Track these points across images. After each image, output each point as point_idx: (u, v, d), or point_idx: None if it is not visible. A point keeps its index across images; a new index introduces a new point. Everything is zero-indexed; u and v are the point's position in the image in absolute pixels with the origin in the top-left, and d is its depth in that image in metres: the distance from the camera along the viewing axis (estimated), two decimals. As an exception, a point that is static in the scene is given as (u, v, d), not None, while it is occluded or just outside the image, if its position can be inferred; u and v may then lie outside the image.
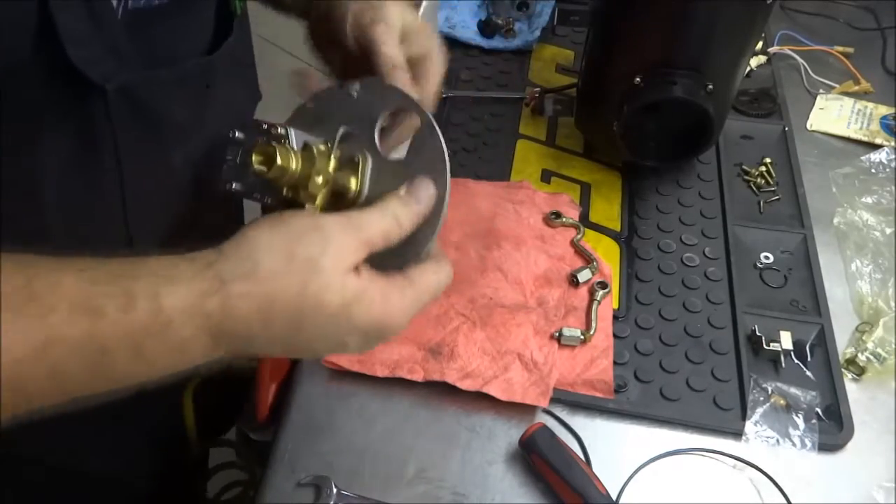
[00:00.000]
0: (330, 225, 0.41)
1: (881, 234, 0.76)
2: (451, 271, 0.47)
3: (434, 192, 0.46)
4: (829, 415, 0.62)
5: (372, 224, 0.43)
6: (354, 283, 0.41)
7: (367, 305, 0.41)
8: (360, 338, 0.43)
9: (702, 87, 0.70)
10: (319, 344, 0.43)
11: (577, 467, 0.57)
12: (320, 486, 0.57)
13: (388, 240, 0.43)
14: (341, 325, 0.41)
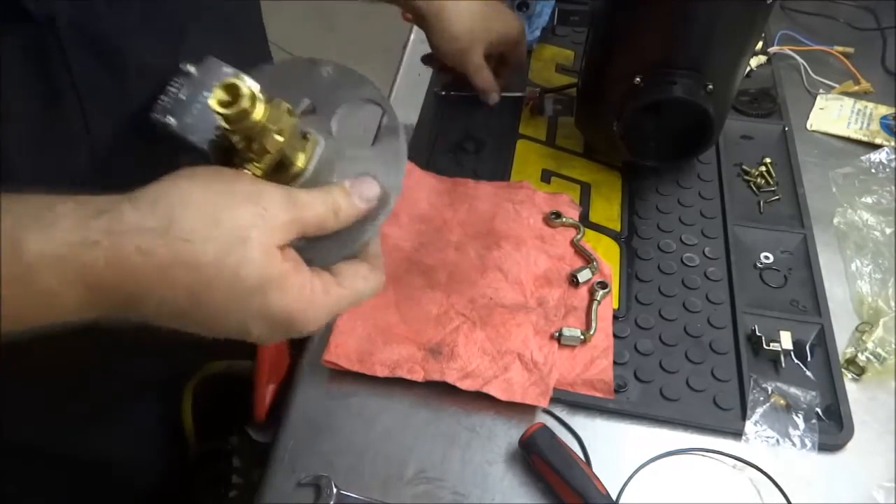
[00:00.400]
0: (270, 196, 0.39)
1: (881, 234, 0.76)
2: (382, 279, 0.45)
3: (378, 195, 0.44)
4: (829, 415, 0.62)
5: (311, 207, 0.40)
6: (278, 264, 0.38)
7: (284, 292, 0.38)
8: (266, 326, 0.39)
9: (702, 87, 0.70)
10: (219, 322, 0.39)
11: (577, 467, 0.57)
12: (320, 486, 0.58)
13: (321, 228, 0.41)
14: (251, 307, 0.38)
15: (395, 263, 0.71)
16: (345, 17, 2.73)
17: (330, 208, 0.41)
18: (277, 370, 0.68)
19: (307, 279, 0.40)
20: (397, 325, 0.66)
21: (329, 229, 0.41)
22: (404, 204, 0.76)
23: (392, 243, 0.73)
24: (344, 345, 0.64)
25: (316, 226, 0.40)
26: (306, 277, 0.40)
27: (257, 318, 0.39)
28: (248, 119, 0.38)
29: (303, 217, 0.40)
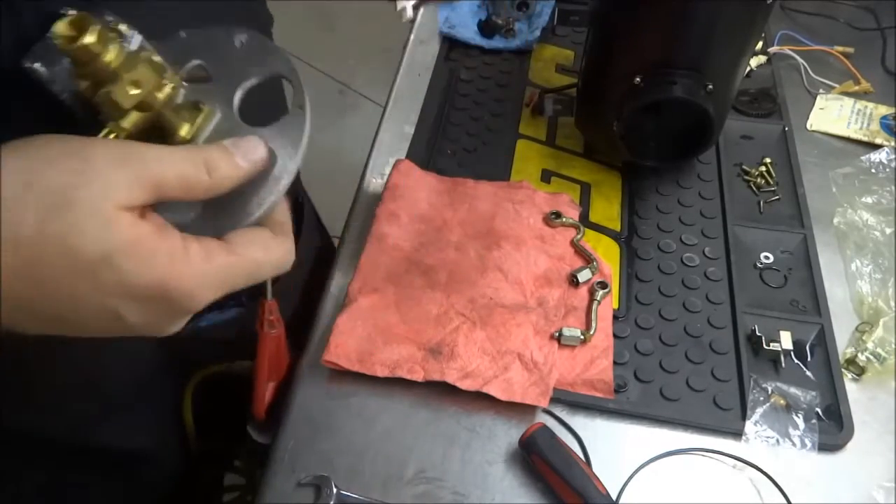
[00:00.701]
0: (101, 151, 0.33)
1: (881, 234, 0.76)
2: (290, 248, 0.39)
3: (263, 157, 0.38)
4: (829, 415, 0.62)
5: (166, 161, 0.34)
6: (124, 229, 0.32)
7: (143, 260, 0.33)
8: (137, 306, 0.34)
9: (702, 87, 0.70)
10: (79, 311, 0.33)
11: (577, 467, 0.57)
12: (320, 486, 0.58)
13: (189, 188, 0.35)
14: (105, 285, 0.32)
15: (395, 263, 0.71)
16: (345, 17, 2.73)
17: (200, 165, 0.35)
18: (277, 369, 0.68)
19: (177, 244, 0.34)
20: (397, 325, 0.66)
21: (202, 190, 0.35)
22: (404, 204, 0.76)
23: (392, 243, 0.73)
24: (344, 345, 0.64)
25: (181, 185, 0.34)
26: (176, 242, 0.34)
27: (120, 297, 0.33)
28: (95, 62, 0.33)
29: (154, 175, 0.33)
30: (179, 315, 0.36)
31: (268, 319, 0.65)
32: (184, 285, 0.34)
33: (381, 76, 2.28)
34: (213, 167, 0.36)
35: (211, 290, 0.35)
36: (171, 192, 0.34)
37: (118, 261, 0.32)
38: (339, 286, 0.72)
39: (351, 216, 0.79)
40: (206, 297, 0.35)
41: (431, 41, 1.00)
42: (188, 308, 0.35)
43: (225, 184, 0.36)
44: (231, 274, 0.36)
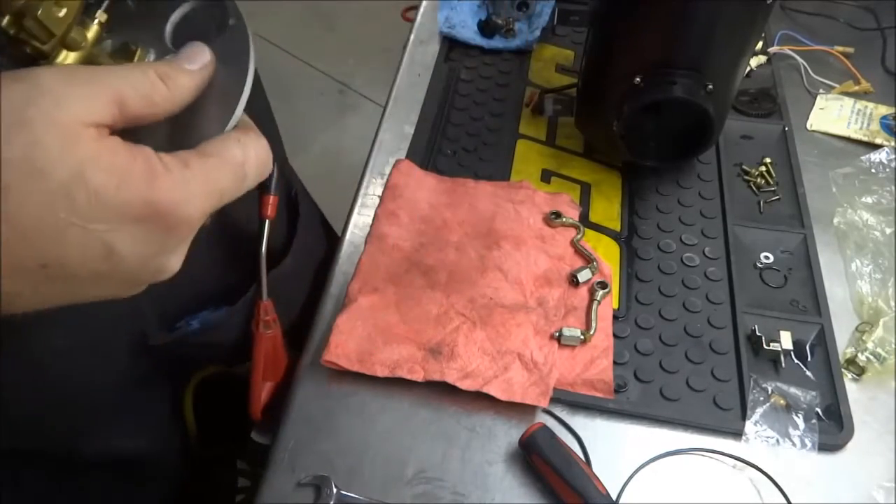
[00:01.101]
0: (48, 74, 0.30)
1: (881, 234, 0.76)
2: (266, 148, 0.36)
3: (210, 59, 0.36)
4: (829, 415, 0.62)
5: (121, 77, 0.31)
6: (92, 142, 0.29)
7: (119, 173, 0.30)
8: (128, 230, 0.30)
9: (702, 87, 0.70)
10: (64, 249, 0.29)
11: (577, 467, 0.57)
12: (320, 486, 0.58)
13: (151, 103, 0.32)
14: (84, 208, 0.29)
15: (395, 263, 0.71)
16: (345, 17, 2.73)
17: (154, 77, 0.33)
18: (275, 369, 0.68)
19: (151, 154, 0.31)
20: (397, 325, 0.66)
21: (163, 102, 0.33)
22: (404, 204, 0.77)
23: (392, 243, 0.73)
24: (344, 345, 0.64)
25: (141, 99, 0.32)
26: (149, 153, 0.31)
27: (104, 221, 0.30)
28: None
29: (113, 87, 0.31)
30: (175, 236, 0.33)
31: (263, 320, 0.65)
32: (170, 195, 0.31)
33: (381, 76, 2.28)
34: (166, 76, 0.33)
35: (200, 198, 0.33)
36: (134, 108, 0.32)
37: (91, 176, 0.29)
38: (339, 286, 0.72)
39: (351, 216, 0.79)
40: (196, 206, 0.32)
41: (431, 41, 1.00)
42: (182, 220, 0.32)
43: (183, 93, 0.34)
44: (215, 176, 0.33)
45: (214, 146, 0.34)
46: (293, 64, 2.55)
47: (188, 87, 0.35)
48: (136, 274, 0.33)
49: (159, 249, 0.33)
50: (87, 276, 0.31)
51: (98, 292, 0.33)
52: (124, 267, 0.32)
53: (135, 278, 0.34)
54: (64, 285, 0.31)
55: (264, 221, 0.65)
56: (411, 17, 1.06)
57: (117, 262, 0.31)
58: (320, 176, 2.16)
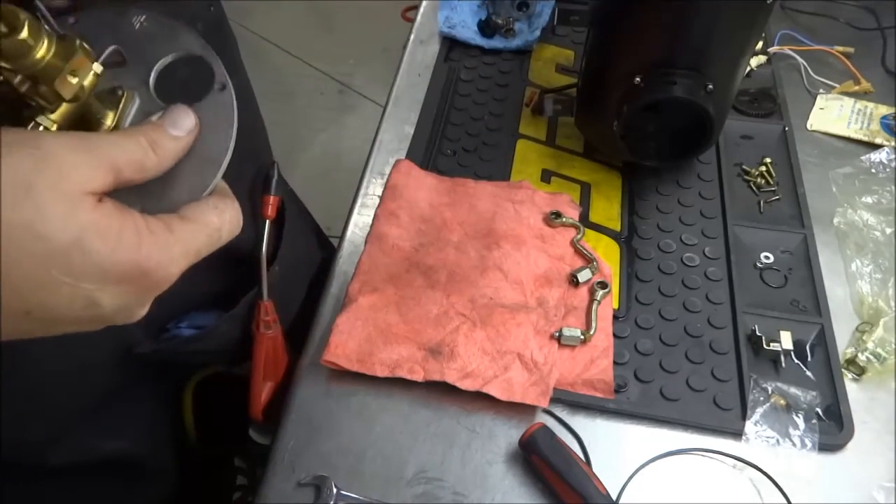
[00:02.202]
0: (52, 142, 0.32)
1: (881, 234, 0.76)
2: (237, 211, 0.39)
3: (194, 124, 0.38)
4: (829, 415, 0.62)
5: (117, 146, 0.34)
6: (91, 211, 0.32)
7: (113, 240, 0.32)
8: (113, 289, 0.33)
9: (702, 87, 0.70)
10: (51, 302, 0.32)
11: (577, 467, 0.57)
12: (320, 486, 0.58)
13: (142, 169, 0.35)
14: (78, 269, 0.31)
15: (395, 263, 0.71)
16: (345, 17, 2.73)
17: (143, 144, 0.35)
18: (275, 369, 0.68)
19: (140, 220, 0.34)
20: (397, 325, 0.66)
21: (151, 169, 0.36)
22: (404, 204, 0.77)
23: (392, 243, 0.73)
24: (343, 345, 0.64)
25: (133, 166, 0.34)
26: (138, 219, 0.34)
27: (94, 281, 0.32)
28: (30, 54, 0.33)
29: (109, 161, 0.33)
30: (152, 292, 0.35)
31: (263, 320, 0.65)
32: (156, 259, 0.34)
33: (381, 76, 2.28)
34: (154, 143, 0.36)
35: (180, 260, 0.35)
36: (127, 174, 0.34)
37: (89, 243, 0.31)
38: (339, 286, 0.72)
39: (351, 216, 0.79)
40: (177, 267, 0.35)
41: (431, 41, 1.00)
42: (163, 281, 0.35)
43: (168, 159, 0.37)
44: (194, 240, 0.36)
45: (194, 212, 0.37)
46: (293, 64, 2.55)
47: (174, 152, 0.37)
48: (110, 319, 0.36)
49: (136, 303, 0.36)
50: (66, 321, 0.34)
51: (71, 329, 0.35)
52: (101, 315, 0.34)
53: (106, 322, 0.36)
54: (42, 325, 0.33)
55: (265, 221, 0.65)
56: (411, 17, 1.06)
57: (96, 312, 0.34)
58: (320, 176, 2.17)
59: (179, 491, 0.78)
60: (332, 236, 0.96)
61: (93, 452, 0.66)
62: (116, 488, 0.72)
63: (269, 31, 2.55)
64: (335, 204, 0.95)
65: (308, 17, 2.74)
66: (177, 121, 0.38)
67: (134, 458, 0.71)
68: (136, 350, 0.62)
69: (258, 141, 0.80)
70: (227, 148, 0.39)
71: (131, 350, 0.62)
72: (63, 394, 0.60)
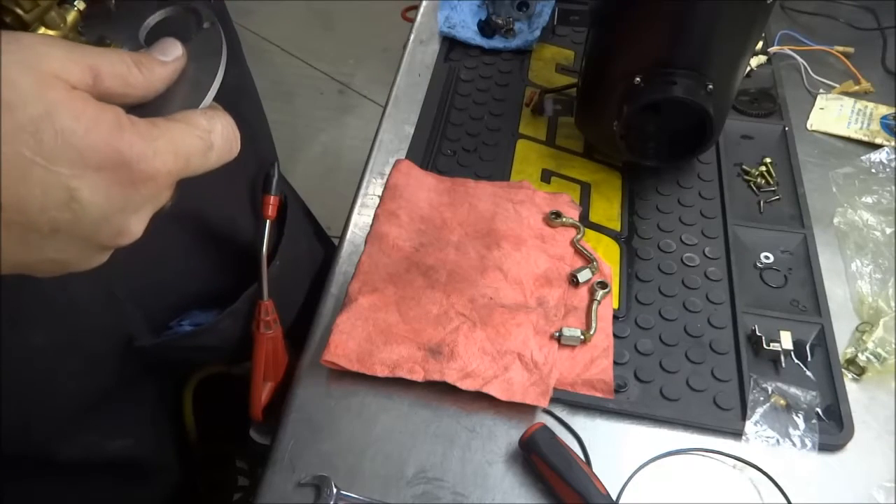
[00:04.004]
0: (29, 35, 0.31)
1: (881, 234, 0.76)
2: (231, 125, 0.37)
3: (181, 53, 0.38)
4: (829, 415, 0.62)
5: (99, 53, 0.33)
6: (64, 91, 0.30)
7: (88, 120, 0.30)
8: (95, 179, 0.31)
9: (702, 87, 0.70)
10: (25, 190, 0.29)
11: (577, 467, 0.57)
12: (320, 486, 0.58)
13: (126, 84, 0.34)
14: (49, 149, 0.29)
15: (395, 263, 0.71)
16: (345, 17, 2.73)
17: (127, 60, 0.34)
18: (275, 369, 0.68)
19: (120, 112, 0.32)
20: (397, 325, 0.66)
21: (137, 86, 0.35)
22: (404, 204, 0.77)
23: (392, 243, 0.73)
24: (343, 345, 0.64)
25: (116, 78, 0.33)
26: (118, 111, 0.32)
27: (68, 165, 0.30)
28: None
29: (91, 59, 0.32)
30: (139, 189, 0.33)
31: (264, 320, 0.65)
32: (136, 148, 0.32)
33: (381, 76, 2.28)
34: (140, 63, 0.35)
35: (165, 155, 0.33)
36: (108, 83, 0.33)
37: (60, 119, 0.29)
38: (339, 286, 0.72)
39: (351, 216, 0.79)
40: (162, 162, 0.33)
41: (431, 41, 1.00)
42: (147, 174, 0.32)
43: (155, 80, 0.36)
44: (181, 138, 0.34)
45: (181, 114, 0.35)
46: (293, 64, 2.55)
47: (161, 75, 0.36)
48: (97, 231, 0.33)
49: (122, 205, 0.33)
50: (45, 227, 0.31)
51: (56, 252, 0.33)
52: (85, 218, 0.32)
53: (94, 237, 0.33)
54: (21, 234, 0.31)
55: (265, 221, 0.65)
56: (411, 17, 1.06)
57: (78, 212, 0.31)
58: (320, 176, 2.17)
59: (180, 491, 0.78)
60: (332, 236, 0.96)
61: (98, 451, 0.66)
62: (119, 488, 0.72)
63: (269, 31, 2.55)
64: (335, 204, 0.95)
65: (308, 17, 2.74)
66: (164, 48, 0.37)
67: (137, 458, 0.71)
68: (137, 343, 0.62)
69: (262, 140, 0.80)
70: (215, 72, 0.38)
71: (133, 342, 0.62)
72: (67, 388, 0.60)
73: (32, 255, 0.32)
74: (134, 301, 0.61)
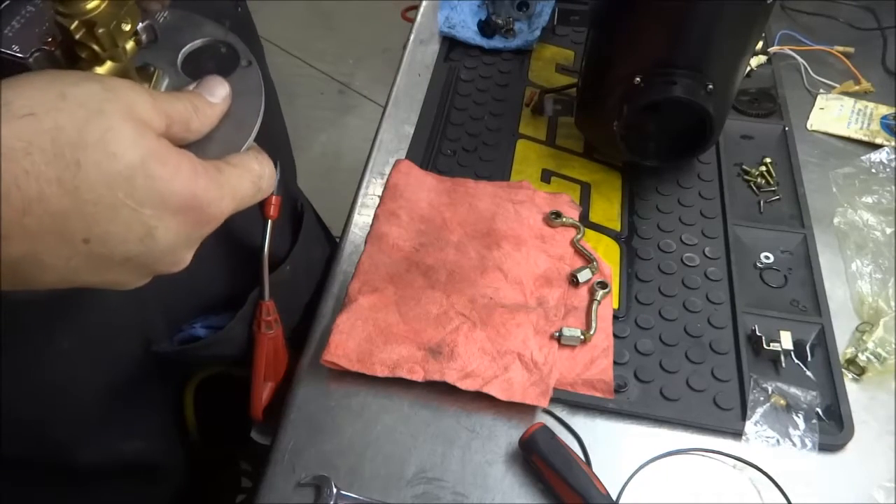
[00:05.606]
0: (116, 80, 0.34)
1: (881, 234, 0.76)
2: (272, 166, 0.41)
3: (227, 92, 0.40)
4: (829, 415, 0.62)
5: (170, 99, 0.37)
6: (155, 139, 0.34)
7: (174, 168, 0.34)
8: (171, 218, 0.34)
9: (702, 87, 0.70)
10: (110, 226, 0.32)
11: (577, 467, 0.57)
12: (320, 486, 0.58)
13: (187, 129, 0.37)
14: (140, 193, 0.32)
15: (395, 263, 0.71)
16: (345, 17, 2.73)
17: (189, 105, 0.37)
18: (275, 369, 0.67)
19: (193, 157, 0.36)
20: (397, 325, 0.66)
21: (194, 131, 0.38)
22: (404, 203, 0.77)
23: (392, 243, 0.73)
24: (343, 345, 0.64)
25: (182, 123, 0.37)
26: (191, 156, 0.35)
27: (154, 207, 0.33)
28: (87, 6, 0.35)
29: (165, 104, 0.36)
30: (204, 228, 0.36)
31: (265, 320, 0.65)
32: (209, 193, 0.35)
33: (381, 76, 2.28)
34: (197, 108, 0.38)
35: (228, 199, 0.37)
36: (175, 129, 0.36)
37: (153, 167, 0.33)
38: (339, 286, 0.72)
39: (351, 216, 0.79)
40: (225, 205, 0.37)
41: (431, 41, 1.00)
42: (213, 216, 0.36)
43: (208, 124, 0.39)
44: (240, 183, 0.38)
45: (238, 159, 0.39)
46: (293, 64, 2.55)
47: (212, 118, 0.39)
48: (159, 261, 0.36)
49: (187, 241, 0.36)
50: (119, 257, 0.34)
51: (117, 276, 0.36)
52: (155, 251, 0.35)
53: (155, 266, 0.37)
54: (97, 262, 0.34)
55: (267, 221, 0.65)
56: (411, 18, 1.06)
57: (150, 246, 0.34)
58: (320, 176, 2.17)
59: (185, 493, 0.78)
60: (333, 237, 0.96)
61: (113, 454, 0.66)
62: (129, 492, 0.72)
63: (270, 31, 2.54)
64: (335, 204, 0.95)
65: (308, 17, 2.74)
66: (212, 88, 0.40)
67: (147, 461, 0.71)
68: (157, 349, 0.63)
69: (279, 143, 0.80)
70: (257, 112, 0.41)
71: (151, 346, 0.62)
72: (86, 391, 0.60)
73: (98, 278, 0.35)
74: (161, 308, 0.62)
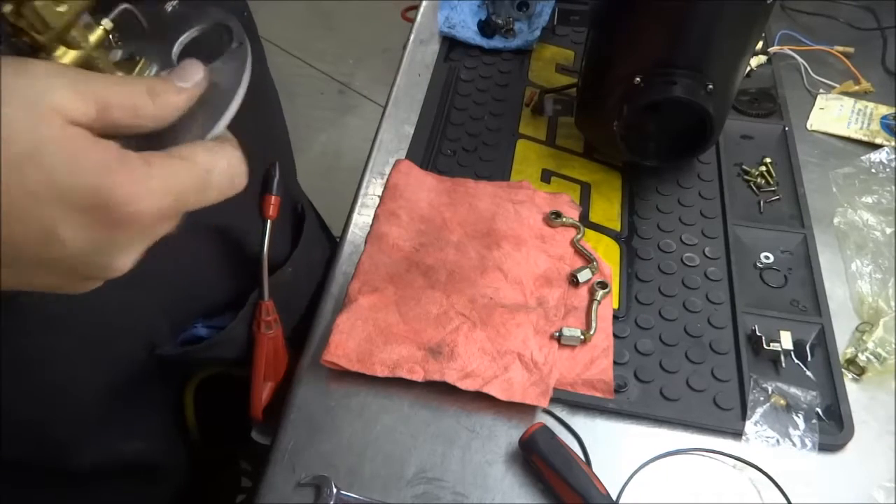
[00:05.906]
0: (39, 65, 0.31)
1: (881, 234, 0.76)
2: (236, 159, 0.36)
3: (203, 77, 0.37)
4: (829, 415, 0.62)
5: (111, 85, 0.33)
6: (57, 128, 0.30)
7: (73, 159, 0.30)
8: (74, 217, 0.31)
9: (702, 87, 0.70)
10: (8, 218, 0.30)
11: (577, 467, 0.57)
12: (320, 486, 0.58)
13: (136, 115, 0.33)
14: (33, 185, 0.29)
15: (395, 263, 0.71)
16: (345, 17, 2.73)
17: (141, 90, 0.34)
18: (275, 369, 0.68)
19: (113, 149, 0.31)
20: (397, 325, 0.66)
21: (147, 118, 0.34)
22: (404, 203, 0.77)
23: (392, 243, 0.73)
24: (343, 345, 0.64)
25: (126, 110, 0.33)
26: (111, 148, 0.31)
27: (51, 202, 0.30)
28: None
29: (99, 91, 0.32)
30: (123, 230, 0.32)
31: (265, 320, 0.65)
32: (125, 190, 0.31)
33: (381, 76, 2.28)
34: (155, 93, 0.34)
35: (154, 196, 0.32)
36: (117, 115, 0.33)
37: (46, 157, 0.29)
38: (339, 286, 0.72)
39: (351, 216, 0.79)
40: (148, 204, 0.32)
41: (431, 41, 1.00)
42: (131, 217, 0.32)
43: (169, 110, 0.35)
44: (176, 179, 0.33)
45: (182, 150, 0.35)
46: (293, 64, 2.55)
47: (175, 104, 0.35)
48: (79, 266, 0.33)
49: (105, 245, 0.33)
50: (29, 260, 0.31)
51: (43, 280, 0.33)
52: (66, 256, 0.32)
53: (78, 271, 0.34)
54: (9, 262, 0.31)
55: (266, 221, 0.65)
56: (411, 18, 1.06)
57: (59, 250, 0.31)
58: (320, 176, 2.17)
59: (185, 494, 0.78)
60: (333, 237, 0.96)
61: (113, 455, 0.66)
62: (128, 493, 0.72)
63: (269, 31, 2.54)
64: (335, 204, 0.95)
65: (308, 17, 2.74)
66: (185, 73, 0.36)
67: (148, 461, 0.70)
68: (160, 351, 0.62)
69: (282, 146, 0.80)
70: (232, 99, 0.38)
71: (155, 348, 0.62)
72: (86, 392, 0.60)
73: (23, 280, 0.33)
74: (164, 311, 0.62)
